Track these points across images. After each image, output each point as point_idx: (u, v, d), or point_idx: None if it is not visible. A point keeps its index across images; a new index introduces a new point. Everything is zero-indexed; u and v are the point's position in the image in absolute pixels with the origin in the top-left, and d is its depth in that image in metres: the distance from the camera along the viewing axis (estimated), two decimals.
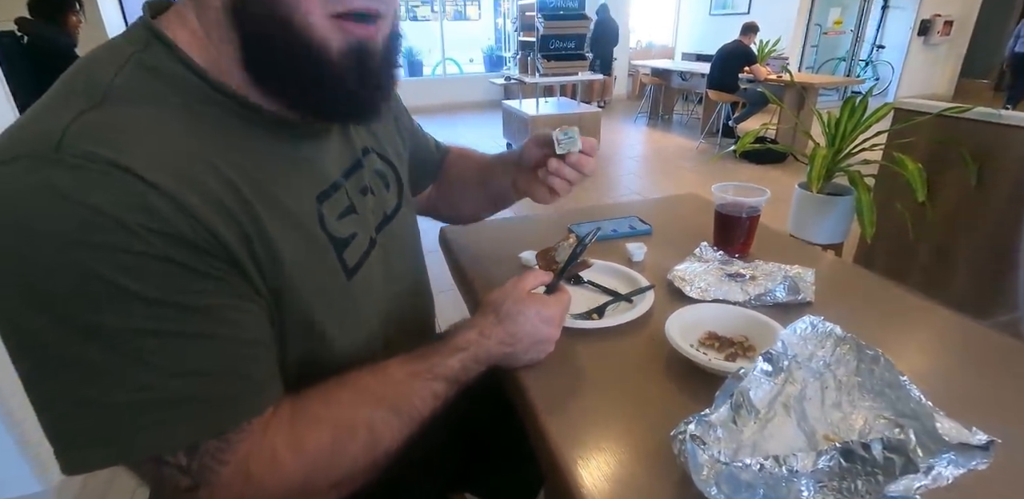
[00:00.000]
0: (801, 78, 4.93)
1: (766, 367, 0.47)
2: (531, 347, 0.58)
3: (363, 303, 0.54)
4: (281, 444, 0.43)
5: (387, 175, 0.64)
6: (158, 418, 0.38)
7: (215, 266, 0.39)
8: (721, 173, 4.35)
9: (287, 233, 0.45)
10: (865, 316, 0.71)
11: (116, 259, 0.35)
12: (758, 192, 0.85)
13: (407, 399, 0.49)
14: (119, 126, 0.38)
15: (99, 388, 0.37)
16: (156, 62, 0.42)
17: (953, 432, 0.36)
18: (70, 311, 0.36)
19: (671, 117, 6.62)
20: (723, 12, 7.53)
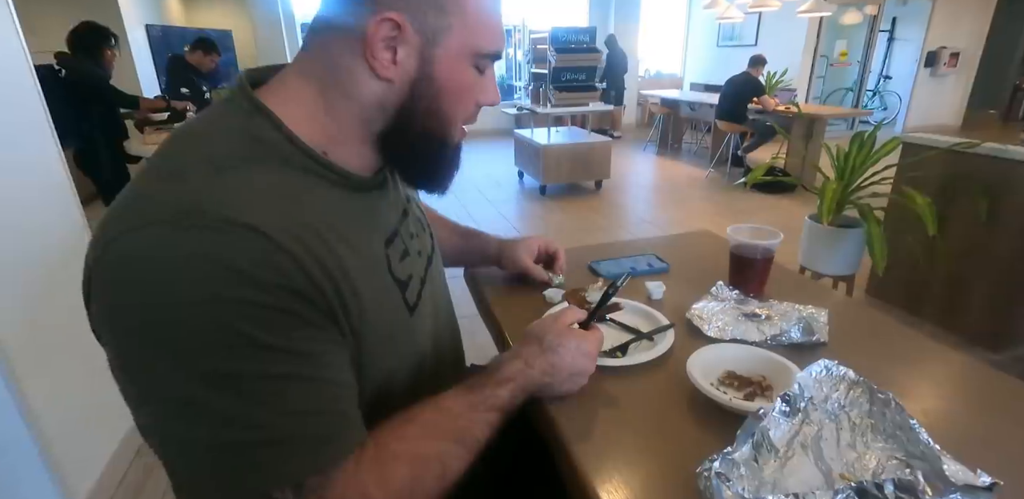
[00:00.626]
0: (809, 109, 5.01)
1: (784, 408, 0.50)
2: (568, 379, 0.61)
3: (420, 337, 0.61)
4: (371, 481, 0.47)
5: (423, 222, 0.71)
6: (270, 454, 0.42)
7: (318, 316, 0.45)
8: (731, 203, 4.40)
9: (366, 280, 0.51)
10: (877, 356, 0.73)
11: (249, 312, 0.40)
12: (772, 235, 0.88)
13: (469, 431, 0.54)
14: (243, 191, 0.44)
15: (221, 430, 0.41)
16: (258, 130, 0.48)
17: (960, 474, 0.39)
18: (204, 360, 0.40)
19: (680, 146, 6.72)
20: (730, 44, 7.71)
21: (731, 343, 0.73)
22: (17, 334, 1.23)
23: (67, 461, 1.34)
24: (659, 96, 6.52)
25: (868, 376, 0.60)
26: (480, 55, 0.53)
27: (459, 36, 0.51)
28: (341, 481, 0.45)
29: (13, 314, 1.23)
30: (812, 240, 2.41)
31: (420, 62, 0.50)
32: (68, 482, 1.34)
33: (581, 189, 4.84)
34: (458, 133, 0.57)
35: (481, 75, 0.55)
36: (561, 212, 4.24)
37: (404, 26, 0.48)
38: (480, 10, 0.51)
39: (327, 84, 0.51)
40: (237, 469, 0.42)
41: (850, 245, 2.31)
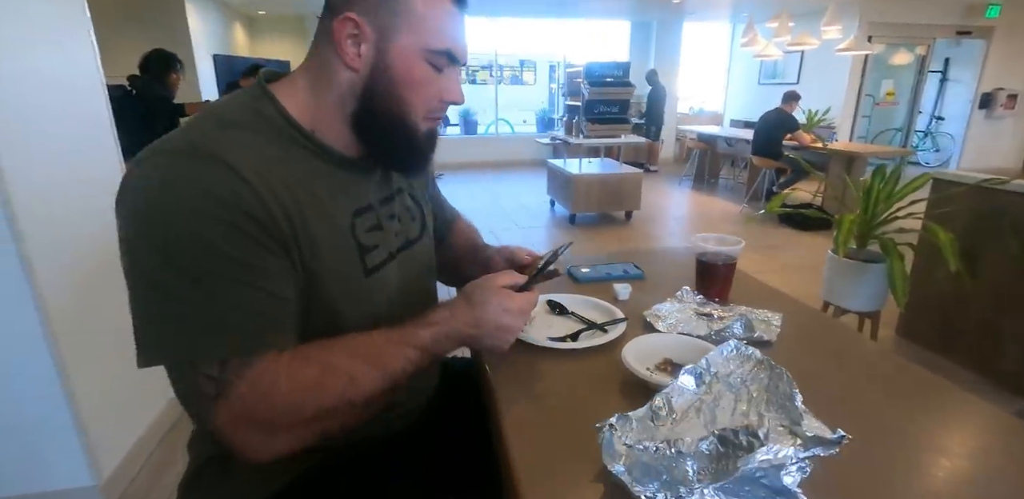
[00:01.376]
0: (848, 147, 4.94)
1: (690, 379, 0.55)
2: (493, 332, 0.65)
3: (377, 299, 0.69)
4: (283, 373, 0.55)
5: (414, 212, 0.80)
6: (205, 332, 0.53)
7: (271, 241, 0.56)
8: (762, 237, 4.33)
9: (324, 230, 0.61)
10: (819, 358, 0.77)
11: (212, 223, 0.52)
12: (735, 242, 0.91)
13: (382, 357, 0.61)
14: (230, 140, 0.57)
15: (177, 308, 0.53)
16: (261, 107, 0.62)
17: (816, 429, 0.45)
18: (176, 256, 0.52)
19: (717, 181, 6.69)
20: (772, 81, 7.73)
21: (672, 335, 0.76)
22: (69, 325, 1.36)
23: (98, 440, 1.45)
24: (696, 131, 6.56)
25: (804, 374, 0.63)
26: (430, 51, 0.62)
27: (408, 34, 0.61)
28: (259, 367, 0.54)
29: (67, 310, 1.36)
30: (834, 274, 2.36)
31: (376, 53, 0.61)
32: (97, 459, 1.44)
33: (611, 219, 4.87)
34: (420, 121, 0.66)
35: (440, 73, 0.64)
36: (588, 241, 4.27)
37: (361, 24, 0.59)
38: (427, 14, 0.61)
39: (316, 76, 0.63)
40: (179, 337, 0.53)
41: (873, 280, 2.25)
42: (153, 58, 3.03)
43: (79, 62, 1.51)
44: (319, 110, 0.63)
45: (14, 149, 1.22)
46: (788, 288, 3.49)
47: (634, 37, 8.33)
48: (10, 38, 1.25)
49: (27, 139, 1.28)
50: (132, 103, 2.91)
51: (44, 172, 1.32)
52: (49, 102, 1.38)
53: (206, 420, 0.55)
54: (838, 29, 5.04)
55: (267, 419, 0.56)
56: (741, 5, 6.86)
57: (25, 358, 1.31)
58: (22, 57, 1.29)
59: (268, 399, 0.55)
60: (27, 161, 1.27)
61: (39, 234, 1.28)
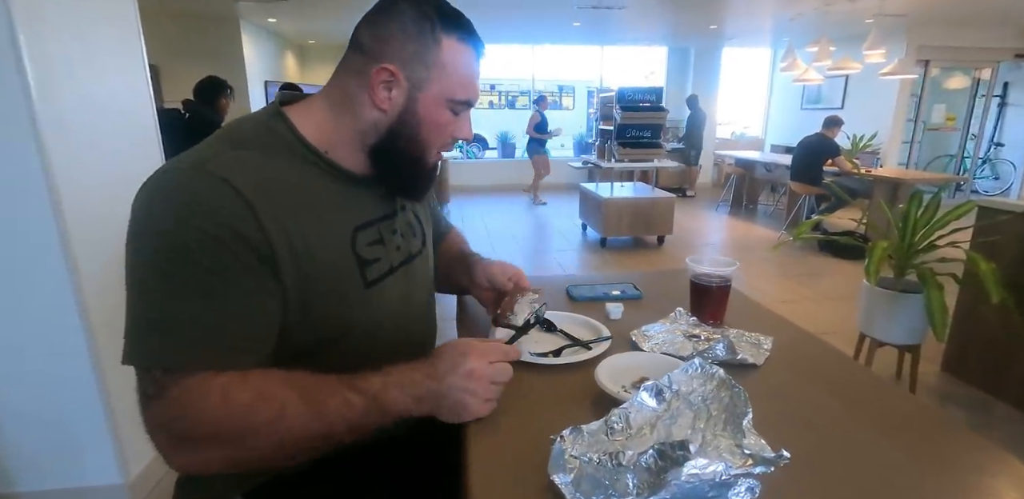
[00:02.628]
0: (893, 173, 4.76)
1: (649, 395, 0.54)
2: (457, 384, 0.61)
3: (378, 310, 0.71)
4: (216, 390, 0.56)
5: (416, 228, 0.84)
6: (165, 338, 0.56)
7: (252, 258, 0.58)
8: (799, 265, 4.18)
9: (325, 246, 0.65)
10: (806, 384, 0.74)
11: (198, 236, 0.55)
12: (729, 264, 0.90)
13: (321, 396, 0.59)
14: (237, 159, 0.61)
15: (144, 309, 0.56)
16: (274, 126, 0.67)
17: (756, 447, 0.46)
18: (157, 259, 0.56)
19: (755, 207, 6.53)
20: (815, 106, 7.56)
21: (649, 354, 0.75)
22: (107, 326, 1.45)
23: (129, 440, 1.52)
24: (734, 156, 6.47)
25: (787, 399, 0.64)
26: (453, 101, 0.69)
27: (437, 86, 0.67)
28: (197, 378, 0.56)
29: (106, 312, 1.45)
30: (870, 304, 2.25)
31: (407, 101, 0.67)
32: (126, 458, 1.51)
33: (643, 243, 4.81)
34: (433, 157, 0.73)
35: (456, 116, 0.71)
36: (618, 265, 4.23)
37: (397, 74, 0.66)
38: (456, 70, 0.68)
39: (337, 105, 0.69)
40: (136, 340, 0.57)
41: (911, 312, 2.13)
42: (205, 85, 3.26)
43: (134, 88, 1.65)
44: (336, 134, 0.69)
45: (71, 164, 1.33)
46: (823, 317, 3.34)
47: (672, 62, 8.36)
48: (76, 66, 1.38)
49: (83, 155, 1.39)
50: (184, 125, 3.13)
51: (95, 185, 1.43)
52: (106, 123, 1.50)
53: (144, 420, 0.57)
54: (882, 53, 4.92)
55: (186, 430, 0.56)
56: (781, 30, 6.81)
57: (66, 356, 1.39)
58: (86, 83, 1.42)
59: (193, 411, 0.55)
60: (81, 174, 1.38)
61: (86, 241, 1.37)
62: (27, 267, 1.32)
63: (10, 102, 1.22)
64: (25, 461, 1.46)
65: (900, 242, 2.18)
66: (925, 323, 2.14)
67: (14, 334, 1.37)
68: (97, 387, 1.42)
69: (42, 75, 1.25)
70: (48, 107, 1.27)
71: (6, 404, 1.41)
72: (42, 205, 1.28)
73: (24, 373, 1.40)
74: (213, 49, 5.59)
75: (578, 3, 5.21)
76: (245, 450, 0.57)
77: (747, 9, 5.51)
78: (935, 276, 1.99)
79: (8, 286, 1.33)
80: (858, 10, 5.11)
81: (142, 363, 0.57)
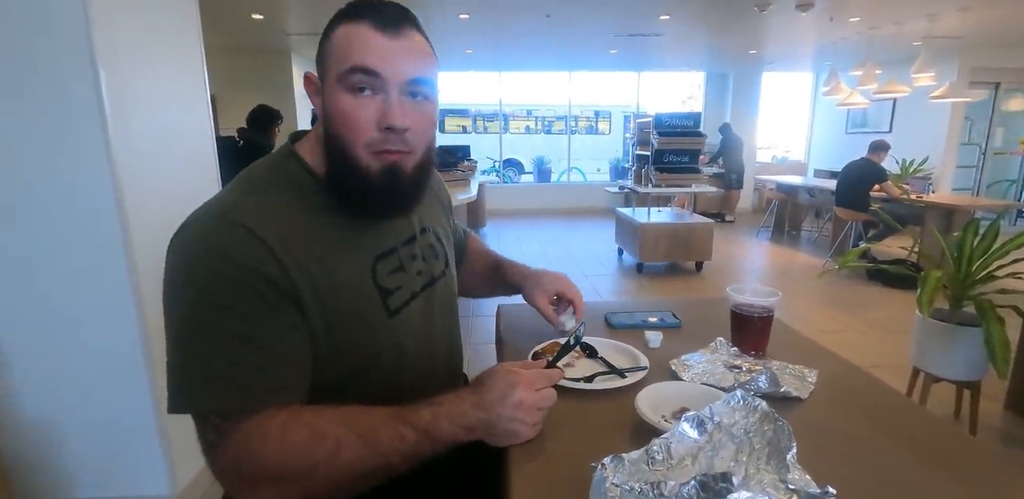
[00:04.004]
0: (946, 199, 4.57)
1: (690, 426, 0.54)
2: (504, 414, 0.62)
3: (401, 338, 0.71)
4: (274, 431, 0.58)
5: (438, 249, 0.84)
6: (215, 385, 0.58)
7: (283, 300, 0.60)
8: (847, 294, 4.02)
9: (345, 280, 0.65)
10: (852, 420, 0.71)
11: (225, 282, 0.58)
12: (772, 294, 0.88)
13: (375, 432, 0.60)
14: (253, 204, 0.63)
15: (189, 358, 0.59)
16: (289, 167, 0.69)
17: (800, 482, 0.45)
18: (194, 309, 0.58)
19: (798, 233, 6.35)
20: (861, 130, 7.37)
21: (691, 384, 0.74)
22: (163, 344, 1.51)
23: (179, 451, 1.57)
24: (775, 181, 6.34)
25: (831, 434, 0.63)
26: (341, 76, 0.61)
27: (329, 71, 0.63)
28: (255, 421, 0.58)
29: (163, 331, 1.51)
30: (923, 337, 2.14)
31: (322, 101, 0.65)
32: (175, 469, 1.56)
33: (680, 269, 4.73)
34: (364, 157, 0.63)
35: (361, 93, 0.62)
36: (656, 291, 4.16)
37: (312, 77, 0.66)
38: (340, 45, 0.62)
39: (317, 131, 0.69)
40: (183, 389, 0.59)
41: (969, 346, 2.01)
42: (258, 113, 3.46)
43: (197, 118, 1.77)
44: (323, 164, 0.68)
45: (138, 187, 1.43)
46: (873, 350, 3.19)
47: (710, 87, 8.35)
48: (147, 98, 1.50)
49: (151, 183, 1.49)
50: (238, 152, 3.31)
51: (158, 206, 1.53)
52: (171, 149, 1.61)
53: (210, 464, 0.59)
54: (931, 76, 4.80)
55: (252, 472, 0.58)
56: (823, 54, 6.72)
57: (124, 368, 1.46)
58: (155, 114, 1.53)
59: (255, 453, 0.57)
60: (148, 201, 1.47)
61: (148, 260, 1.45)
62: (93, 283, 1.41)
63: (90, 133, 1.33)
64: (84, 469, 1.52)
65: (955, 272, 2.08)
66: (985, 358, 2.01)
67: (80, 347, 1.45)
68: (152, 400, 1.48)
69: (118, 107, 1.36)
70: (122, 137, 1.37)
71: (71, 414, 1.48)
72: (112, 228, 1.38)
73: (86, 386, 1.47)
74: (266, 80, 5.93)
75: (615, 32, 5.31)
76: (307, 486, 0.59)
77: (788, 34, 5.49)
78: (995, 308, 1.88)
79: (75, 302, 1.42)
80: (906, 33, 5.02)
81: (197, 412, 0.59)
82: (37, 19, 1.26)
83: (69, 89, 1.30)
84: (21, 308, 1.40)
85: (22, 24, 1.26)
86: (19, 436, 1.47)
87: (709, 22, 5.00)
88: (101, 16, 1.29)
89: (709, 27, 5.22)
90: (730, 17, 4.72)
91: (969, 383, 2.08)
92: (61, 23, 1.26)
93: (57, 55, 1.28)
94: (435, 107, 0.68)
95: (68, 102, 1.31)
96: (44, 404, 1.47)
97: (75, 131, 1.32)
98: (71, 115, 1.31)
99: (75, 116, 1.31)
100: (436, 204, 0.91)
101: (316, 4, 4.24)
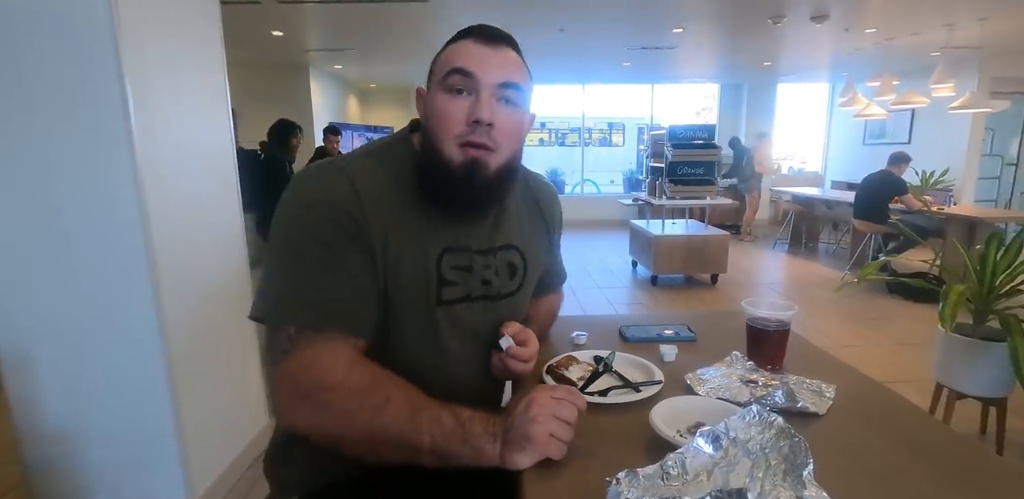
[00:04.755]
0: (968, 211, 4.49)
1: (705, 442, 0.53)
2: (520, 413, 0.62)
3: (445, 332, 0.75)
4: (344, 360, 0.64)
5: (518, 269, 0.84)
6: (297, 301, 0.66)
7: (363, 242, 0.68)
8: (867, 308, 3.94)
9: (411, 255, 0.72)
10: (871, 436, 0.69)
11: (322, 220, 0.67)
12: (787, 308, 0.87)
13: (422, 406, 0.63)
14: (364, 165, 0.73)
15: (280, 277, 0.68)
16: (397, 148, 0.77)
17: None
18: (292, 237, 0.68)
19: (816, 246, 6.27)
20: (879, 141, 7.29)
21: (705, 398, 0.74)
22: (185, 355, 1.55)
23: (196, 460, 1.59)
24: (791, 193, 6.28)
25: (850, 451, 0.62)
26: (442, 79, 0.71)
27: (434, 78, 0.73)
28: (328, 345, 0.64)
29: (185, 341, 1.55)
30: (947, 352, 2.09)
31: (424, 106, 0.74)
32: (192, 478, 1.57)
33: (695, 282, 4.69)
34: (452, 149, 0.70)
35: (460, 94, 0.70)
36: (670, 303, 4.13)
37: (421, 91, 0.75)
38: (444, 57, 0.72)
39: None
40: (274, 300, 0.67)
41: (994, 362, 1.96)
42: (276, 127, 3.55)
43: (219, 131, 1.81)
44: None
45: (162, 198, 1.46)
46: (895, 364, 3.12)
47: (724, 99, 8.34)
48: (171, 112, 1.55)
49: (173, 194, 1.53)
50: (259, 165, 3.40)
51: (180, 217, 1.56)
52: (194, 163, 1.65)
53: (272, 370, 0.64)
54: (950, 86, 4.74)
55: (307, 388, 0.62)
56: (839, 65, 6.69)
57: (144, 376, 1.48)
58: (178, 127, 1.58)
59: (319, 373, 0.62)
60: (171, 211, 1.51)
61: (170, 270, 1.49)
62: (116, 293, 1.44)
63: (117, 146, 1.36)
64: (101, 476, 1.54)
65: (979, 286, 2.03)
66: (1011, 374, 1.96)
67: (101, 356, 1.47)
68: (171, 410, 1.50)
69: (143, 121, 1.40)
70: (146, 149, 1.41)
71: (90, 422, 1.50)
72: (135, 237, 1.41)
73: (106, 393, 1.49)
74: (285, 94, 6.07)
75: (628, 45, 5.35)
76: (341, 425, 0.62)
77: (803, 46, 5.48)
78: (1020, 323, 1.84)
79: (97, 311, 1.45)
80: (923, 43, 4.98)
81: (277, 321, 0.65)
82: (68, 36, 1.30)
83: (97, 103, 1.34)
84: (45, 316, 1.43)
85: (54, 42, 1.30)
86: (40, 443, 1.49)
87: (723, 34, 5.01)
88: (129, 33, 1.34)
89: (723, 39, 5.24)
90: (744, 29, 4.73)
91: (995, 400, 2.02)
92: (91, 40, 1.31)
93: (87, 71, 1.32)
94: (524, 115, 0.75)
95: (96, 116, 1.35)
96: (64, 411, 1.49)
97: (102, 145, 1.36)
98: (100, 127, 1.35)
99: (104, 128, 1.35)
100: (537, 225, 0.90)
101: (334, 21, 4.35)
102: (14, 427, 1.47)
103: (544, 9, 4.00)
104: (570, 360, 0.90)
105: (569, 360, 0.90)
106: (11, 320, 1.42)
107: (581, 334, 1.02)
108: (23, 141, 1.34)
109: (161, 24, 1.51)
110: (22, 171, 1.36)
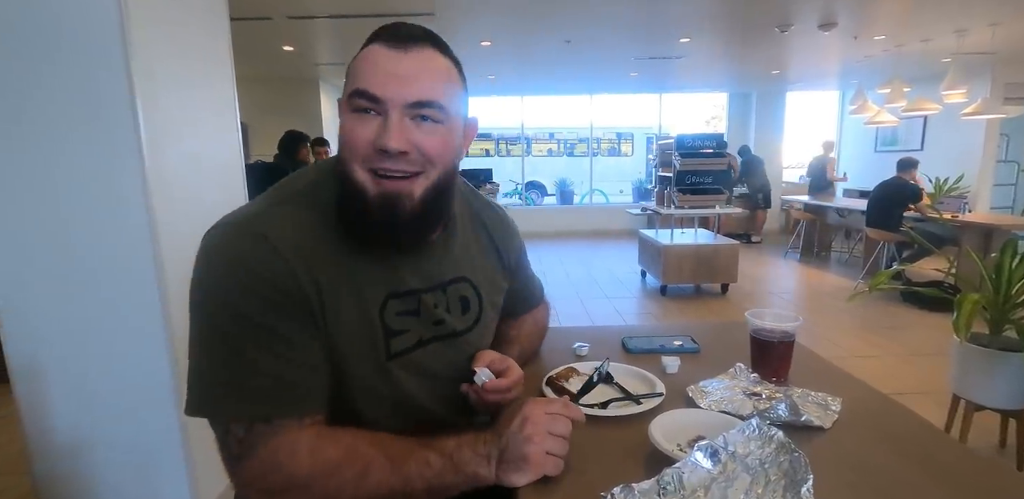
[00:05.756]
0: (983, 218, 4.41)
1: (703, 456, 0.52)
2: (514, 432, 0.61)
3: (401, 384, 0.69)
4: (304, 446, 0.58)
5: (471, 304, 0.77)
6: (238, 395, 0.58)
7: (300, 313, 0.61)
8: (881, 317, 3.87)
9: (353, 310, 0.64)
10: (878, 450, 0.68)
11: (245, 293, 0.58)
12: (792, 319, 0.86)
13: (404, 456, 0.60)
14: (280, 216, 0.63)
15: (213, 367, 0.59)
16: (323, 183, 0.66)
17: None
18: (216, 320, 0.59)
19: (828, 254, 6.19)
20: (891, 148, 7.22)
21: (706, 411, 0.72)
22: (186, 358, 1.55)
23: (203, 473, 1.58)
24: (802, 201, 6.22)
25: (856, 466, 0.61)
26: (348, 97, 0.61)
27: (344, 94, 0.63)
28: (283, 435, 0.58)
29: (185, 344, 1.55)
30: (963, 363, 2.04)
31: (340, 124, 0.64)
32: (198, 492, 1.57)
33: (705, 292, 4.65)
34: (362, 175, 0.61)
35: (366, 114, 0.60)
36: (680, 313, 4.09)
37: (341, 103, 0.64)
38: (353, 67, 0.62)
39: None
40: (213, 396, 0.59)
41: (1012, 372, 1.91)
42: (285, 138, 3.61)
43: (228, 145, 1.84)
44: None
45: (170, 209, 1.49)
46: (911, 375, 3.06)
47: (733, 107, 8.33)
48: (180, 126, 1.57)
49: (182, 207, 1.55)
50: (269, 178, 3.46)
51: (188, 228, 1.57)
52: (202, 177, 1.68)
53: (232, 477, 0.59)
54: (963, 93, 4.69)
55: (279, 487, 0.58)
56: (848, 73, 6.66)
57: (150, 385, 1.49)
58: (187, 141, 1.60)
59: (284, 468, 0.57)
60: (180, 225, 1.53)
61: (178, 281, 1.50)
62: (124, 303, 1.46)
63: (126, 159, 1.39)
64: (107, 484, 1.54)
65: (994, 295, 1.99)
66: None
67: (109, 366, 1.48)
68: (177, 418, 1.50)
69: (153, 134, 1.42)
70: (156, 162, 1.43)
71: (100, 433, 1.51)
72: (144, 249, 1.43)
73: (114, 402, 1.50)
74: (295, 107, 6.16)
75: (635, 55, 5.37)
76: None
77: (811, 54, 5.47)
78: None
79: (106, 321, 1.46)
80: (934, 50, 4.95)
81: (221, 419, 0.59)
82: (80, 51, 1.34)
83: (108, 117, 1.37)
84: (55, 326, 1.45)
85: (67, 57, 1.34)
86: (49, 453, 1.50)
87: (730, 44, 5.02)
88: (140, 50, 1.37)
89: (730, 49, 5.24)
90: (751, 38, 4.73)
91: (1014, 412, 1.97)
92: (102, 56, 1.34)
93: (98, 86, 1.35)
94: (452, 129, 0.64)
95: (107, 130, 1.38)
96: (74, 421, 1.50)
97: (113, 158, 1.39)
98: (111, 141, 1.38)
99: (114, 141, 1.38)
100: (488, 253, 0.82)
101: (344, 35, 4.42)
102: (24, 436, 1.48)
103: (550, 21, 4.04)
104: (571, 372, 0.89)
105: (570, 372, 0.89)
106: (22, 329, 1.44)
107: (583, 345, 1.01)
108: (36, 154, 1.37)
109: (171, 41, 1.55)
110: (35, 183, 1.39)
